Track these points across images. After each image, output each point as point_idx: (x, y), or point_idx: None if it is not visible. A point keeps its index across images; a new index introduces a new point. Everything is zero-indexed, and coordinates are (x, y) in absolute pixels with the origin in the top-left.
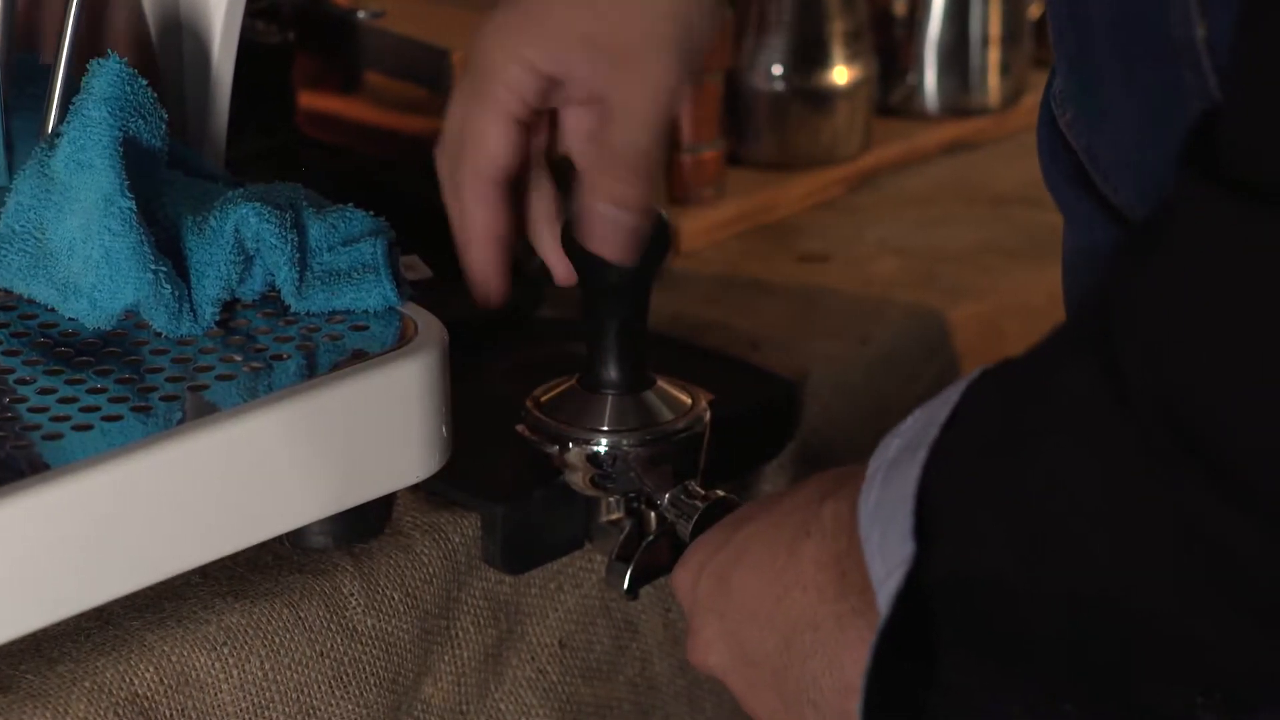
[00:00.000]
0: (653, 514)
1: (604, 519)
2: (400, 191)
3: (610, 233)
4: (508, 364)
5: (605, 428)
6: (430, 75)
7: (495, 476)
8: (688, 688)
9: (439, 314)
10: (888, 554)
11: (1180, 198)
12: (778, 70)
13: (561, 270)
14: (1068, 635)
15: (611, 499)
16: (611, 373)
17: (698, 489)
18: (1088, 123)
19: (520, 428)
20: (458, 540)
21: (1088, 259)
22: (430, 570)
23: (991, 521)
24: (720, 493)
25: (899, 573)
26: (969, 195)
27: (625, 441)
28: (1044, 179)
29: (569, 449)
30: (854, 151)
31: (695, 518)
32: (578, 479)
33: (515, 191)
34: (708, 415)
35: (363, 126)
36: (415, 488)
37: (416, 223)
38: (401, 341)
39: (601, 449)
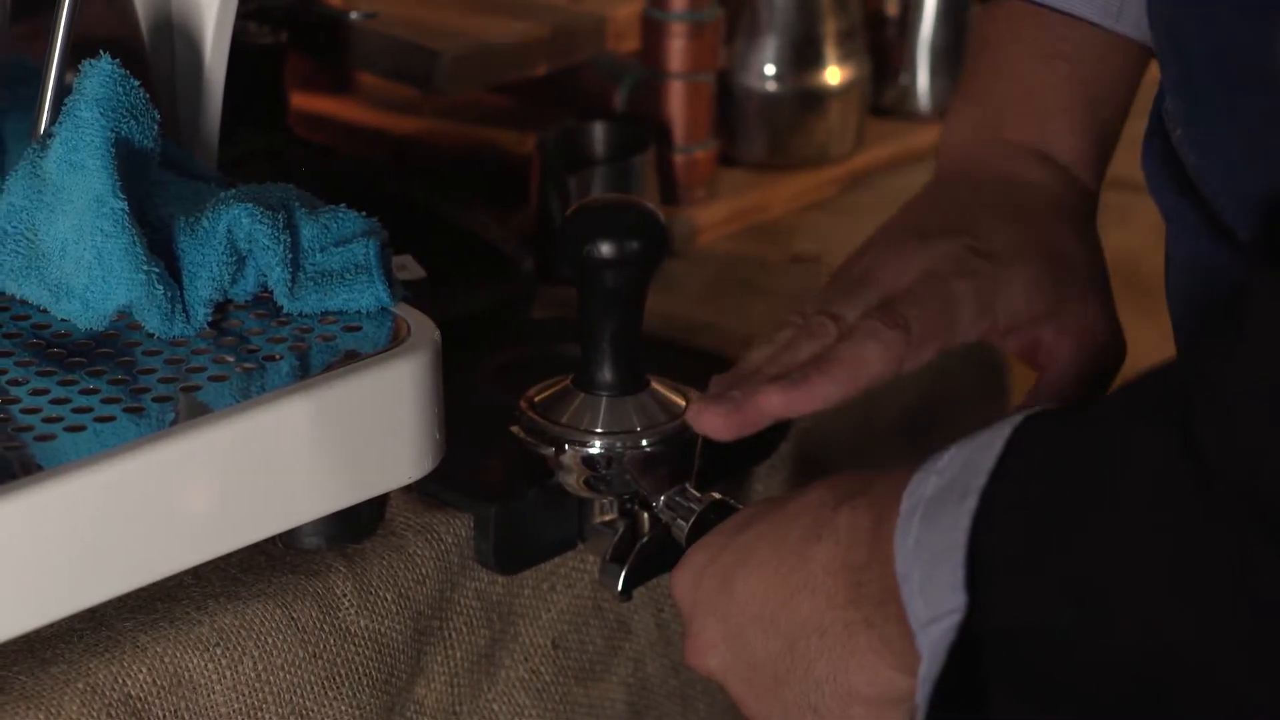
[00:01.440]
0: (646, 515)
1: (597, 520)
2: (392, 192)
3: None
4: (500, 364)
5: (600, 429)
6: (422, 76)
7: (488, 477)
8: (680, 688)
9: (431, 314)
10: (932, 599)
11: (1258, 279)
12: (770, 70)
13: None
14: (1129, 692)
15: (605, 500)
16: (606, 374)
17: (694, 491)
18: (1195, 145)
19: (515, 429)
20: (450, 541)
21: (1194, 264)
22: (423, 571)
23: (1054, 578)
24: (716, 495)
25: (948, 621)
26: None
27: (620, 443)
28: (1147, 182)
29: (564, 451)
30: (846, 152)
31: (692, 520)
32: (572, 480)
33: None
34: None
35: (355, 127)
36: (408, 488)
37: (408, 223)
38: (394, 342)
39: (596, 451)
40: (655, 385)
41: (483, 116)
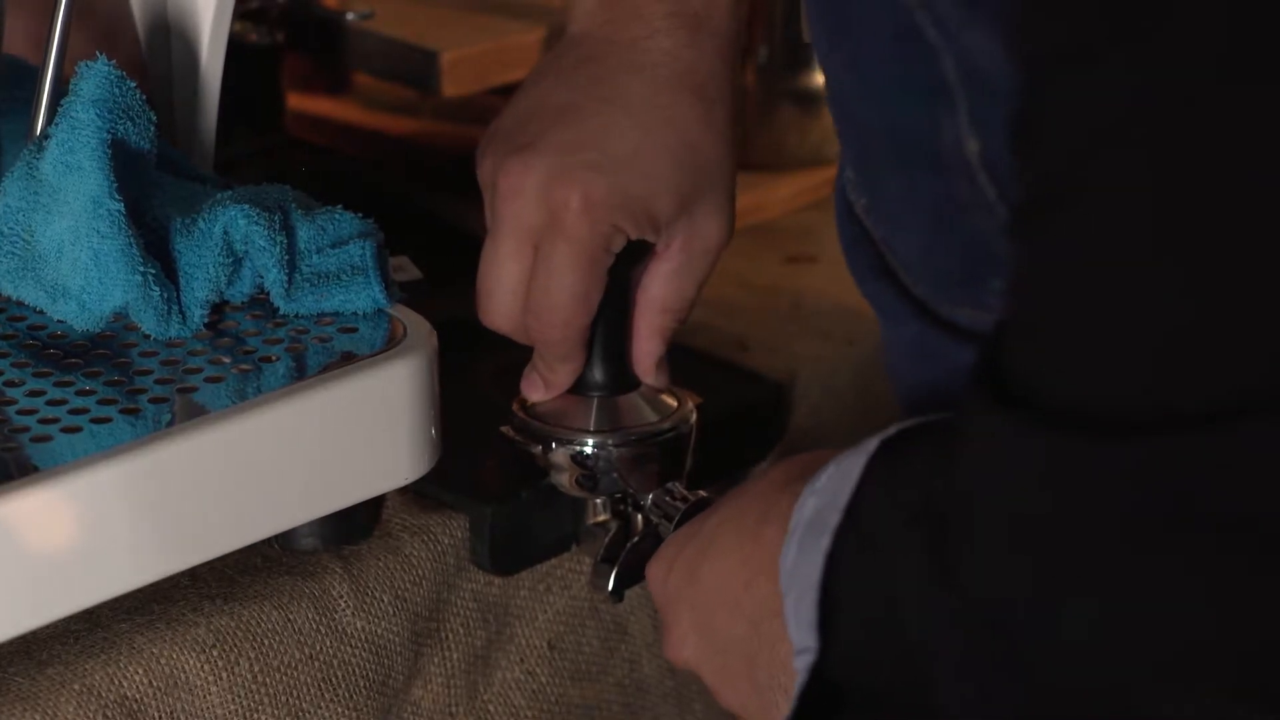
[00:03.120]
0: (639, 516)
1: (591, 521)
2: (389, 193)
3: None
4: (495, 366)
5: (590, 428)
6: (419, 76)
7: (484, 478)
8: (676, 689)
9: (428, 316)
10: (797, 632)
11: (971, 417)
12: (766, 71)
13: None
14: None
15: (598, 501)
16: (597, 374)
17: (680, 490)
18: (882, 217)
19: (506, 429)
20: (447, 542)
21: (908, 350)
22: (419, 572)
23: (870, 640)
24: (703, 493)
25: (804, 660)
26: None
27: (610, 442)
28: (850, 270)
29: (553, 449)
30: None
31: (677, 518)
32: (563, 479)
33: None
34: (694, 417)
35: (351, 128)
36: (404, 489)
37: (405, 224)
38: (390, 343)
39: (586, 449)
40: (648, 386)
41: (480, 117)
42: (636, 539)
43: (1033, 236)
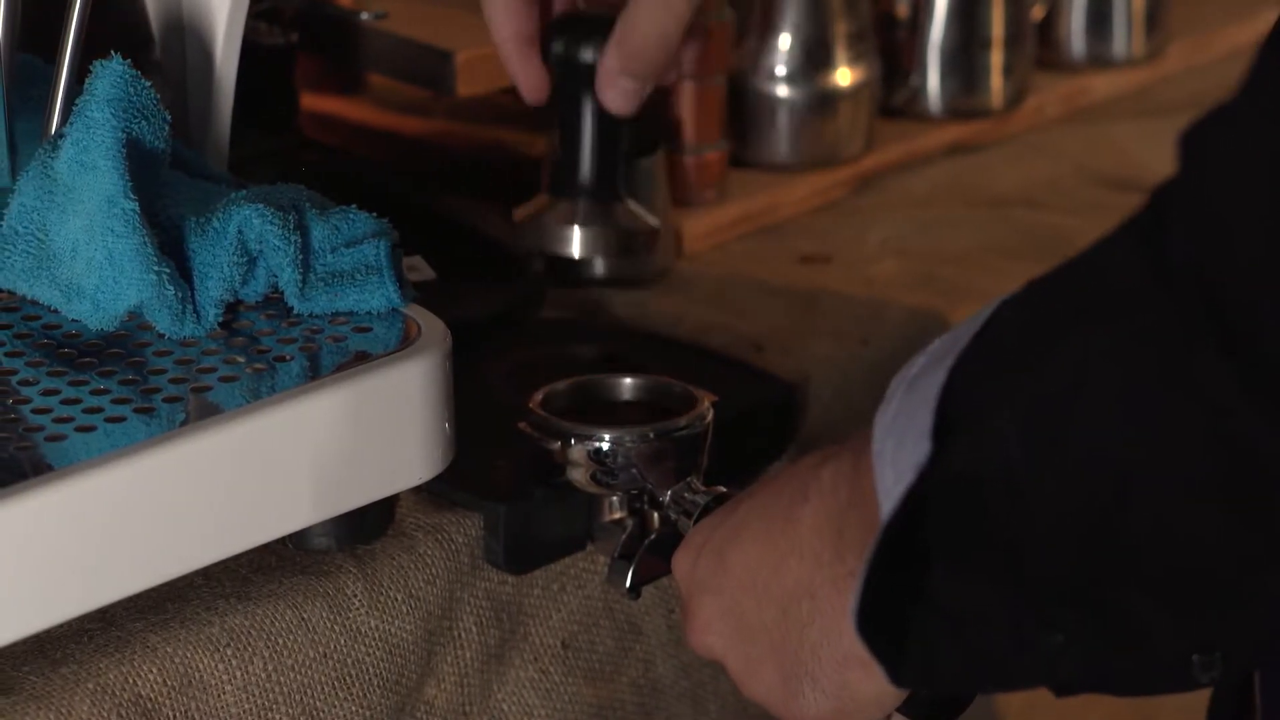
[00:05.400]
0: (655, 514)
1: (606, 518)
2: (403, 193)
3: (624, 97)
4: (509, 364)
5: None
6: (433, 77)
7: (497, 477)
8: (691, 689)
9: (442, 315)
10: (900, 461)
11: (1256, 74)
12: (781, 72)
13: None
14: (1069, 550)
15: (614, 498)
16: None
17: (700, 486)
18: None
19: (522, 425)
20: (460, 541)
21: None
22: (433, 571)
23: (1009, 418)
24: (723, 489)
25: (910, 475)
26: (971, 197)
27: (628, 437)
28: None
29: (571, 445)
30: (856, 153)
31: (697, 513)
32: (580, 475)
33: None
34: (710, 414)
35: (365, 128)
36: (418, 488)
37: (419, 224)
38: (404, 343)
39: (604, 444)
40: (629, 204)
41: (493, 117)
42: (654, 535)
43: None
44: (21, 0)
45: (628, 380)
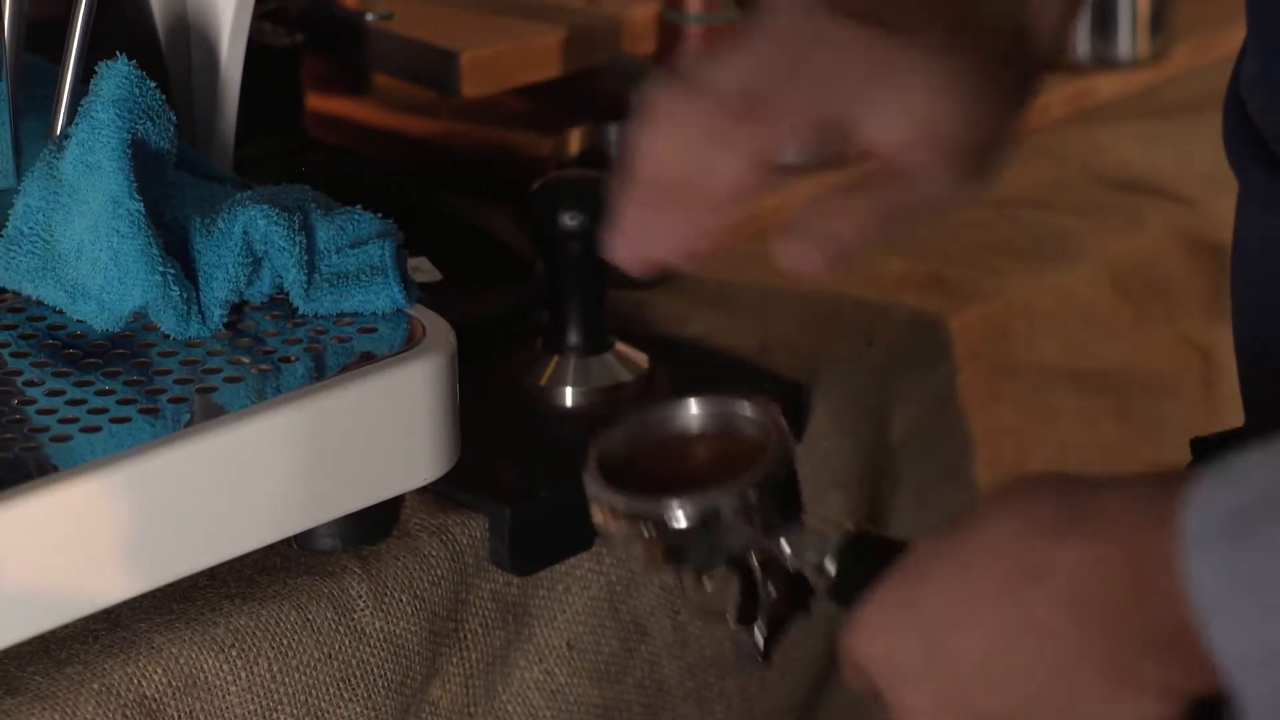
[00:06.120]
0: (756, 561)
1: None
2: (408, 193)
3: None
4: (514, 366)
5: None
6: (438, 77)
7: (503, 478)
8: (697, 690)
9: (447, 316)
10: (1263, 630)
11: None
12: None
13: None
14: None
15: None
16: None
17: (814, 523)
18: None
19: (598, 519)
20: (465, 542)
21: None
22: (438, 572)
23: None
24: (849, 525)
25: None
26: (975, 198)
27: (724, 494)
28: (1230, 159)
29: (670, 523)
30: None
31: (833, 561)
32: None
33: None
34: (790, 436)
35: (370, 129)
36: (423, 489)
37: (424, 225)
38: (410, 344)
39: (695, 518)
40: (619, 347)
41: (499, 118)
42: (774, 592)
43: None
44: (27, 1)
45: (688, 409)
